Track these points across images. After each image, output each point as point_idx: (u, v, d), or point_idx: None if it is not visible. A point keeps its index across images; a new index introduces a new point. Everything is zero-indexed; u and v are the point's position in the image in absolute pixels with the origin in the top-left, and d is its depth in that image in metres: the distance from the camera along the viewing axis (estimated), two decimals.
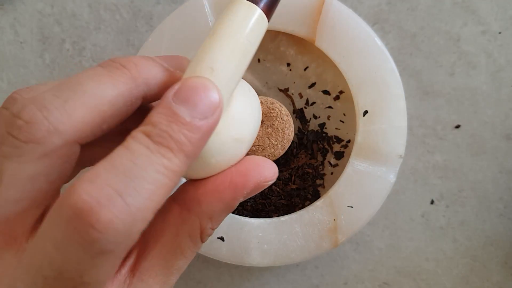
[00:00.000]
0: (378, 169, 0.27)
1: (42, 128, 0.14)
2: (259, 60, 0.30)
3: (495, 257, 0.32)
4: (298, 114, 0.31)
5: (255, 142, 0.27)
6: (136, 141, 0.14)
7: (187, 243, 0.17)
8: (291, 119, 0.27)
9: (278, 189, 0.30)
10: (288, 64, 0.30)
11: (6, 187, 0.14)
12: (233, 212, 0.29)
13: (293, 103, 0.31)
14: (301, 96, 0.30)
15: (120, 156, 0.14)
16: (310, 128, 0.30)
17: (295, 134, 0.31)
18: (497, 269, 0.32)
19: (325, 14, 0.26)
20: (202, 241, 0.18)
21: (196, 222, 0.17)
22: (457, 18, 0.31)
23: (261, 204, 0.30)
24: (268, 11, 0.18)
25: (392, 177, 0.27)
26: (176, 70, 0.18)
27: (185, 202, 0.17)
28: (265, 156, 0.27)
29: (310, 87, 0.30)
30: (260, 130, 0.27)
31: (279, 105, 0.27)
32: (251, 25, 0.17)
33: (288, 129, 0.27)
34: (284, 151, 0.28)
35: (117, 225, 0.13)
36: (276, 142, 0.27)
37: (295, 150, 0.30)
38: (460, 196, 0.32)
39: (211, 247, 0.27)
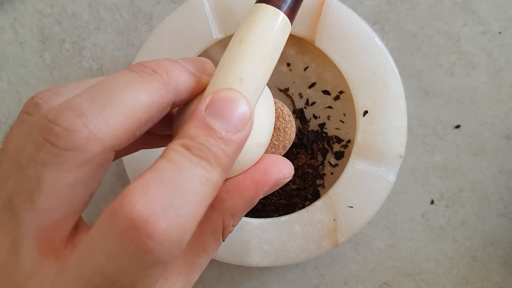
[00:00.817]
0: (378, 169, 0.27)
1: (82, 136, 0.14)
2: None
3: (495, 257, 0.32)
4: (298, 114, 0.31)
5: None
6: (178, 153, 0.14)
7: (210, 241, 0.18)
8: (292, 119, 0.27)
9: (278, 189, 0.30)
10: (288, 64, 0.30)
11: (45, 195, 0.14)
12: None
13: (293, 103, 0.31)
14: (301, 96, 0.30)
15: (165, 168, 0.14)
16: (310, 128, 0.30)
17: (295, 134, 0.31)
18: (497, 269, 0.32)
19: (325, 14, 0.26)
20: (223, 239, 0.18)
21: (219, 219, 0.18)
22: (457, 18, 0.31)
23: (261, 204, 0.30)
24: (291, 15, 0.18)
25: (392, 177, 0.27)
26: (201, 74, 0.18)
27: None
28: None
29: (310, 87, 0.30)
30: None
31: (281, 105, 0.27)
32: (277, 32, 0.17)
33: (289, 129, 0.27)
34: (285, 151, 0.28)
35: (172, 235, 0.13)
36: (277, 142, 0.27)
37: (295, 150, 0.30)
38: (460, 196, 0.32)
39: None
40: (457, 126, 0.31)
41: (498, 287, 0.32)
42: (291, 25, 0.18)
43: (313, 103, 0.30)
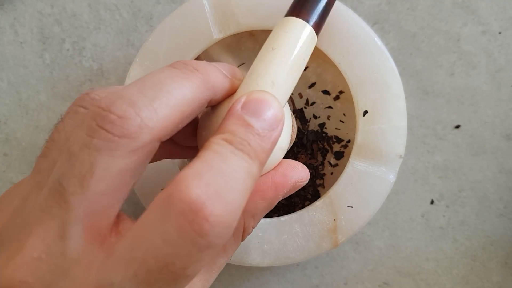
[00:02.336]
0: (378, 169, 0.27)
1: (135, 124, 0.14)
2: None
3: (495, 257, 0.32)
4: (298, 114, 0.31)
5: None
6: (221, 146, 0.15)
7: (230, 242, 0.18)
8: (294, 120, 0.27)
9: None
10: None
11: (97, 180, 0.14)
12: None
13: (293, 103, 0.31)
14: (301, 96, 0.30)
15: (213, 158, 0.15)
16: (310, 128, 0.30)
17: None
18: (497, 269, 0.32)
19: None
20: (243, 239, 0.19)
21: (240, 220, 0.18)
22: (457, 18, 0.31)
23: None
24: (318, 28, 0.20)
25: (392, 177, 0.27)
26: (233, 78, 0.19)
27: None
28: None
29: (310, 87, 0.30)
30: None
31: None
32: (305, 43, 0.19)
33: (291, 130, 0.27)
34: (284, 153, 0.28)
35: (225, 219, 0.14)
36: None
37: (295, 149, 0.30)
38: (460, 196, 0.32)
39: None
40: (457, 126, 0.31)
41: (498, 287, 0.32)
42: (317, 37, 0.20)
43: (313, 103, 0.30)
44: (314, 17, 0.20)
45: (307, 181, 0.20)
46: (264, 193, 0.19)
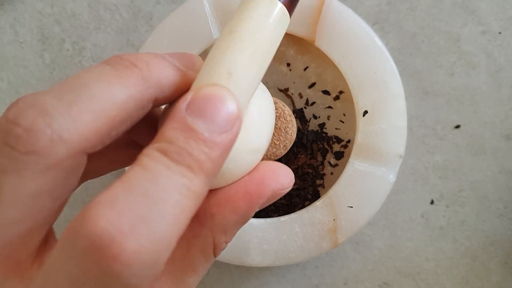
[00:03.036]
0: (378, 169, 0.27)
1: (44, 137, 0.12)
2: None
3: (495, 257, 0.32)
4: (298, 114, 0.31)
5: None
6: (153, 159, 0.13)
7: (199, 259, 0.16)
8: (293, 119, 0.27)
9: None
10: (288, 64, 0.30)
11: (5, 206, 0.13)
12: None
13: (293, 103, 0.31)
14: (301, 96, 0.30)
15: (138, 176, 0.12)
16: (310, 128, 0.30)
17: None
18: (497, 269, 0.32)
19: (325, 14, 0.26)
20: (215, 256, 0.17)
21: (208, 236, 0.16)
22: (457, 18, 0.31)
23: None
24: (290, 6, 0.16)
25: (392, 177, 0.27)
26: (188, 70, 0.16)
27: (196, 215, 0.15)
28: (266, 156, 0.27)
29: (310, 87, 0.30)
30: None
31: (282, 104, 0.27)
32: (273, 23, 0.15)
33: (290, 129, 0.27)
34: (286, 151, 0.28)
35: (143, 256, 0.12)
36: (278, 142, 0.27)
37: (295, 149, 0.30)
38: (460, 196, 0.32)
39: None
40: (457, 126, 0.31)
41: (498, 287, 0.32)
42: (290, 17, 0.16)
43: (313, 103, 0.30)
44: None
45: (290, 187, 0.17)
46: (235, 204, 0.16)
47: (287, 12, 0.16)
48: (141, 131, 0.17)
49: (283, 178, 0.16)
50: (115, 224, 0.11)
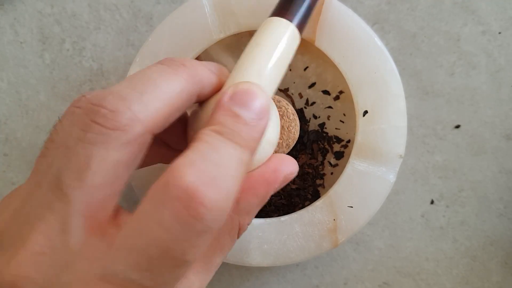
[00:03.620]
0: (378, 169, 0.27)
1: (126, 117, 0.15)
2: None
3: (495, 257, 0.32)
4: (298, 114, 0.31)
5: None
6: (212, 137, 0.16)
7: (226, 240, 0.19)
8: (297, 118, 0.27)
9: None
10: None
11: (93, 173, 0.15)
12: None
13: (293, 103, 0.31)
14: (301, 96, 0.30)
15: (204, 148, 0.15)
16: (310, 128, 0.30)
17: None
18: (497, 269, 0.32)
19: (325, 14, 0.26)
20: (238, 237, 0.19)
21: (235, 219, 0.19)
22: (457, 18, 0.31)
23: None
24: (301, 27, 0.21)
25: (392, 177, 0.27)
26: (220, 74, 0.19)
27: None
28: None
29: (310, 87, 0.30)
30: None
31: (286, 103, 0.27)
32: (289, 39, 0.20)
33: (293, 128, 0.27)
34: (288, 150, 0.28)
35: (220, 203, 0.14)
36: (281, 141, 0.27)
37: (297, 148, 0.30)
38: (460, 196, 0.32)
39: None
40: (457, 126, 0.31)
41: (498, 287, 0.32)
42: (300, 36, 0.21)
43: (313, 103, 0.30)
44: (298, 18, 0.21)
45: (296, 173, 0.21)
46: (256, 190, 0.19)
47: (298, 32, 0.21)
48: (171, 131, 0.20)
49: (292, 166, 0.20)
50: (198, 178, 0.14)
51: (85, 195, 0.15)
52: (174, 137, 0.21)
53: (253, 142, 0.17)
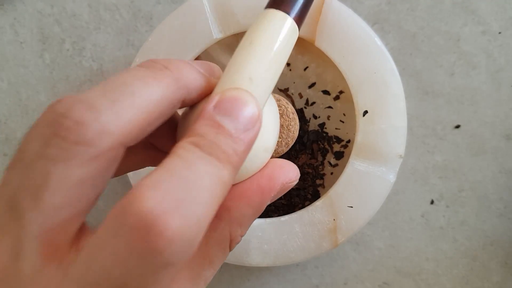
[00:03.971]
0: (378, 169, 0.27)
1: (92, 129, 0.13)
2: None
3: (495, 257, 0.32)
4: (298, 114, 0.31)
5: None
6: (188, 151, 0.14)
7: (216, 252, 0.17)
8: (296, 117, 0.27)
9: None
10: (288, 64, 0.30)
11: (52, 192, 0.13)
12: None
13: (293, 103, 0.31)
14: (301, 96, 0.30)
15: (176, 164, 0.14)
16: (310, 128, 0.30)
17: None
18: (497, 269, 0.32)
19: (325, 14, 0.26)
20: (230, 249, 0.18)
21: (225, 229, 0.17)
22: (457, 18, 0.31)
23: None
24: (299, 21, 0.18)
25: (392, 177, 0.27)
26: (210, 76, 0.18)
27: None
28: None
29: (310, 87, 0.30)
30: None
31: (286, 102, 0.28)
32: (286, 36, 0.18)
33: (293, 127, 0.27)
34: (288, 149, 0.28)
35: (184, 234, 0.13)
36: (280, 140, 0.27)
37: (297, 148, 0.30)
38: (460, 196, 0.32)
39: None
40: (457, 126, 0.31)
41: (498, 287, 0.32)
42: (299, 30, 0.19)
43: (313, 103, 0.30)
44: (296, 9, 0.18)
45: (296, 181, 0.19)
46: (249, 199, 0.17)
47: (297, 27, 0.18)
48: (160, 134, 0.18)
49: (290, 172, 0.18)
50: (160, 204, 0.12)
51: (42, 217, 0.13)
52: (163, 140, 0.19)
53: (237, 157, 0.15)
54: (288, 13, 0.18)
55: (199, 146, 0.14)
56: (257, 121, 0.15)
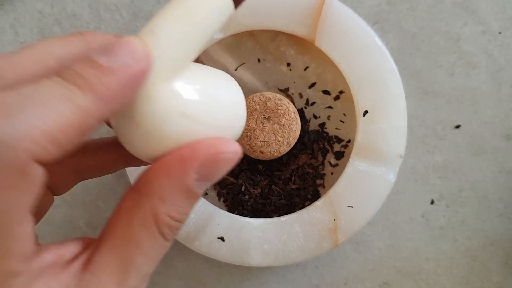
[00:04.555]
0: (378, 169, 0.27)
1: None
2: (259, 60, 0.30)
3: (495, 257, 0.32)
4: (298, 114, 0.31)
5: (260, 137, 0.28)
6: (48, 78, 0.13)
7: (141, 232, 0.15)
8: (298, 117, 0.28)
9: (278, 189, 0.30)
10: (288, 64, 0.30)
11: None
12: (233, 212, 0.29)
13: (293, 103, 0.31)
14: (301, 96, 0.30)
15: (30, 89, 0.13)
16: (310, 128, 0.30)
17: None
18: (497, 269, 0.32)
19: (325, 14, 0.26)
20: (162, 233, 0.16)
21: (146, 204, 0.15)
22: (457, 18, 0.31)
23: (261, 204, 0.30)
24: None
25: (392, 177, 0.27)
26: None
27: (136, 185, 0.16)
28: (270, 152, 0.28)
29: (310, 87, 0.30)
30: (266, 126, 0.28)
31: (287, 101, 0.28)
32: (210, 4, 0.16)
33: (294, 127, 0.28)
34: (289, 148, 0.28)
35: (11, 137, 0.12)
36: (282, 139, 0.27)
37: (298, 147, 0.30)
38: (460, 196, 0.32)
39: (211, 247, 0.27)
40: (457, 126, 0.31)
41: (498, 287, 0.32)
42: (236, 8, 0.17)
43: (313, 103, 0.30)
44: None
45: (236, 153, 0.16)
46: (168, 169, 0.15)
47: (232, 2, 0.17)
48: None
49: (221, 144, 0.16)
50: None
51: None
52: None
53: (103, 87, 0.13)
54: None
55: (60, 75, 0.13)
56: (141, 58, 0.14)
